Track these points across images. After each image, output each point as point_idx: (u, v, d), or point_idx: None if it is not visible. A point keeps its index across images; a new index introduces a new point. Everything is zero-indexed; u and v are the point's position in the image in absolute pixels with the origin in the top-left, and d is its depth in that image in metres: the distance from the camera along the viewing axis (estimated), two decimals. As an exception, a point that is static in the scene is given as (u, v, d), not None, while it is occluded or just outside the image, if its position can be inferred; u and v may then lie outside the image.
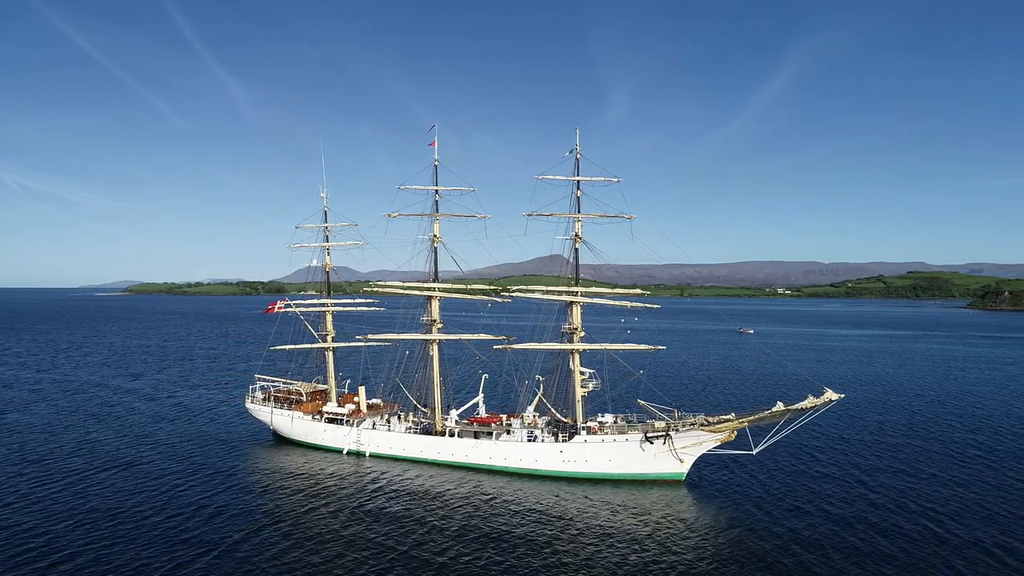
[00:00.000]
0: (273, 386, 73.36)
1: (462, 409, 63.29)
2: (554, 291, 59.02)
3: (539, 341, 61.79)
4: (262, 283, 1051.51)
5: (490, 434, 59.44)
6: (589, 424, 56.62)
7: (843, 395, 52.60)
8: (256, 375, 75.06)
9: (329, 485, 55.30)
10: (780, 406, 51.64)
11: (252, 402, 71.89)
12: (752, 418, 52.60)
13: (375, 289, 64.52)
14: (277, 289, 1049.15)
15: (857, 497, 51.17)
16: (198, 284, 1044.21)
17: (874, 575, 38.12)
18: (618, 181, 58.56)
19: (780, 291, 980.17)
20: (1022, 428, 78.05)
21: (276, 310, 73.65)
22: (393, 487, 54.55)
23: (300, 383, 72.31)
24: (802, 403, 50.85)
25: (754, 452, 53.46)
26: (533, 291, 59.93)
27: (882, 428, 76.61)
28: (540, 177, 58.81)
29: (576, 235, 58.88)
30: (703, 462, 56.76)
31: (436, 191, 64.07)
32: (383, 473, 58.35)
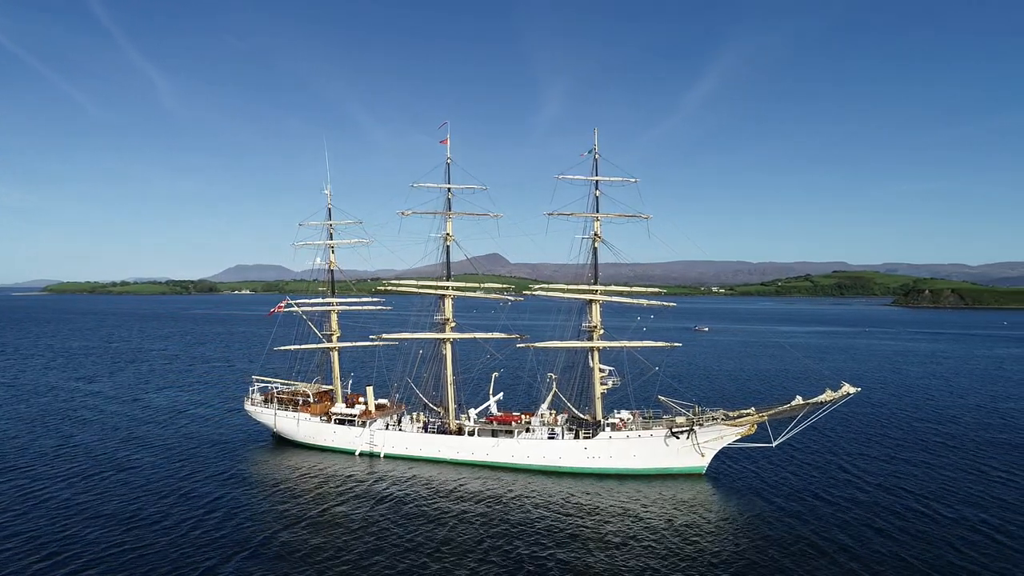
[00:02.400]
0: (272, 387, 71.27)
1: (480, 408, 63.09)
2: (574, 290, 59.68)
3: (553, 339, 62.39)
4: (192, 282, 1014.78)
5: (509, 432, 59.53)
6: (613, 421, 57.50)
7: (859, 389, 55.09)
8: (253, 376, 72.78)
9: (349, 487, 54.37)
10: (799, 400, 53.68)
11: (251, 404, 69.64)
12: (772, 412, 54.51)
13: (388, 288, 63.54)
14: (209, 288, 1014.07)
15: (872, 486, 53.76)
16: (124, 283, 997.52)
17: (890, 563, 39.86)
18: (635, 181, 59.64)
19: (715, 289, 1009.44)
20: (983, 418, 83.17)
21: (277, 311, 71.37)
22: (416, 487, 54.04)
23: (302, 384, 70.48)
24: (820, 397, 52.99)
25: (773, 445, 55.40)
26: (554, 290, 60.36)
27: (872, 420, 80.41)
28: (561, 176, 59.37)
29: (595, 234, 59.62)
30: (723, 455, 58.43)
31: (448, 189, 63.66)
32: (402, 474, 57.66)
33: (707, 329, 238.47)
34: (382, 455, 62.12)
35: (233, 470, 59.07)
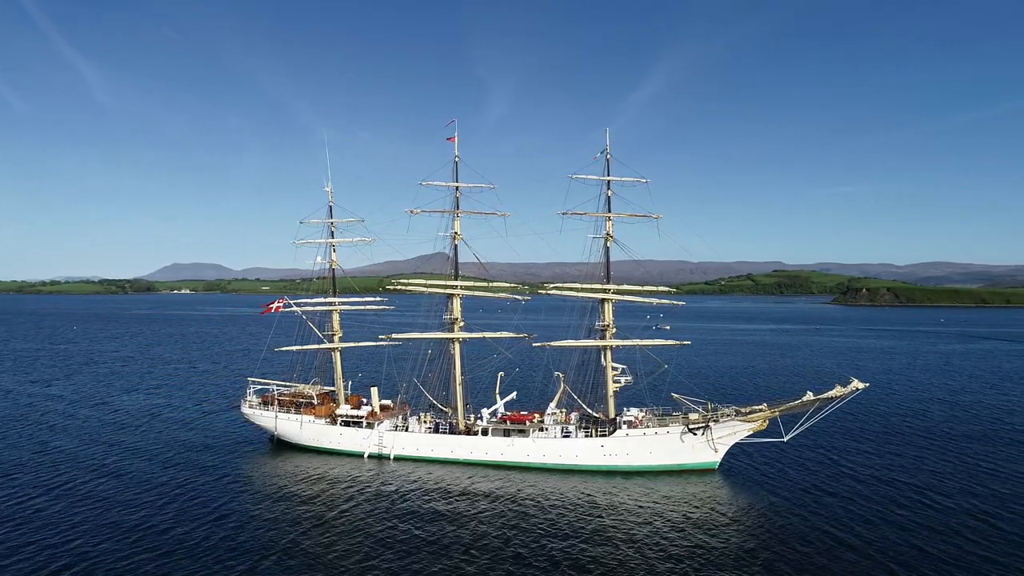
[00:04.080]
0: (269, 390, 69.21)
1: (492, 408, 62.72)
2: (588, 289, 60.16)
3: (558, 339, 62.74)
4: (128, 281, 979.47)
5: (522, 432, 59.47)
6: (628, 418, 58.12)
7: (868, 384, 57.08)
8: (250, 378, 70.57)
9: (362, 489, 53.41)
10: (810, 395, 55.33)
11: (249, 406, 67.55)
12: (784, 407, 56.05)
13: (397, 287, 62.61)
14: (146, 288, 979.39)
15: (873, 478, 55.82)
16: (54, 283, 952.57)
17: (898, 550, 41.30)
18: (646, 182, 60.47)
19: (662, 288, 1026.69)
20: (949, 411, 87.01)
21: (274, 310, 69.35)
22: (433, 488, 53.54)
23: (301, 385, 68.67)
24: (831, 392, 54.71)
25: (785, 439, 56.95)
26: (568, 288, 60.62)
27: (849, 415, 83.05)
28: (574, 176, 59.75)
29: (608, 234, 60.15)
30: (735, 450, 59.63)
31: (456, 187, 63.18)
32: (415, 475, 56.94)
33: (668, 327, 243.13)
34: (392, 457, 61.20)
35: (237, 475, 57.33)
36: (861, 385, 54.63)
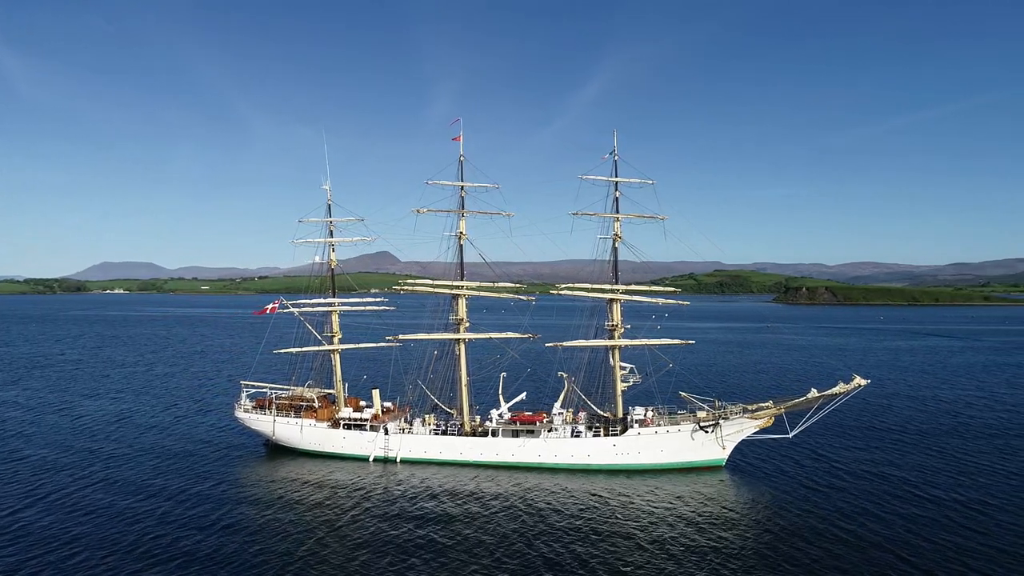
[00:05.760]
0: (262, 393, 67.00)
1: (502, 409, 62.26)
2: (597, 289, 60.46)
3: (566, 339, 62.88)
4: (56, 280, 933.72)
5: (531, 432, 59.31)
6: (639, 417, 58.64)
7: (869, 381, 59.03)
8: (243, 381, 68.13)
9: (372, 494, 52.54)
10: (814, 392, 56.96)
11: (243, 411, 65.21)
12: (789, 404, 57.54)
13: (404, 288, 61.55)
14: (76, 288, 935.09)
15: (879, 473, 57.90)
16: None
17: (903, 545, 42.48)
18: (653, 183, 61.17)
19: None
20: (910, 405, 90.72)
21: (270, 311, 67.19)
22: (445, 491, 53.08)
23: (300, 388, 66.68)
24: (834, 389, 56.46)
25: (790, 436, 58.44)
26: (577, 289, 60.76)
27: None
28: (585, 177, 59.95)
29: (616, 234, 60.59)
30: (741, 447, 60.75)
31: (462, 187, 62.57)
32: (425, 478, 56.12)
33: (629, 327, 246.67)
34: (398, 460, 60.13)
35: (235, 482, 55.46)
36: (863, 381, 56.56)
